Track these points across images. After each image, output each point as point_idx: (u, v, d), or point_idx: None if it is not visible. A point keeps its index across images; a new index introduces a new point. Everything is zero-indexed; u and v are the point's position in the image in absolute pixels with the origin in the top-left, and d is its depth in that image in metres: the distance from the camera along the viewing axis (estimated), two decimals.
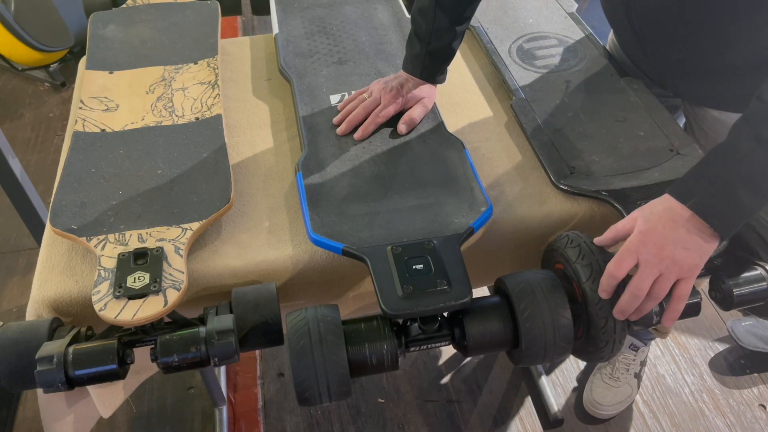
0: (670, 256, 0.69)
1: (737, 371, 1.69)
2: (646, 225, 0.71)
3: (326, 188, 0.88)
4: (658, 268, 0.70)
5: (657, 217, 0.71)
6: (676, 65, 1.02)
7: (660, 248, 0.70)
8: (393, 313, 0.71)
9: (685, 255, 0.70)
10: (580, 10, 1.27)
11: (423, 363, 1.69)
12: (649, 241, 0.70)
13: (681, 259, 0.70)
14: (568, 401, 1.63)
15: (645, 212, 0.73)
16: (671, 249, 0.69)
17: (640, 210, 0.74)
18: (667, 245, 0.70)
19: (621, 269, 0.71)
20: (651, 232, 0.70)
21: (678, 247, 0.69)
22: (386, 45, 1.16)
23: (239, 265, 0.82)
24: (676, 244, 0.69)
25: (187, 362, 0.69)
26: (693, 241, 0.70)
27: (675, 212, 0.71)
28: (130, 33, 1.16)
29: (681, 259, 0.70)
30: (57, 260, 0.83)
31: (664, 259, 0.69)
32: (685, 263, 0.70)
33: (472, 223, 0.82)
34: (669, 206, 0.72)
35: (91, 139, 0.94)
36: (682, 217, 0.70)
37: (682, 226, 0.70)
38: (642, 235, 0.71)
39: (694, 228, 0.70)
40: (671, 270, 0.70)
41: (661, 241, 0.70)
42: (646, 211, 0.73)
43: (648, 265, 0.70)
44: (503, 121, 1.06)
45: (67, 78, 2.71)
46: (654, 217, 0.71)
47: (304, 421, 1.56)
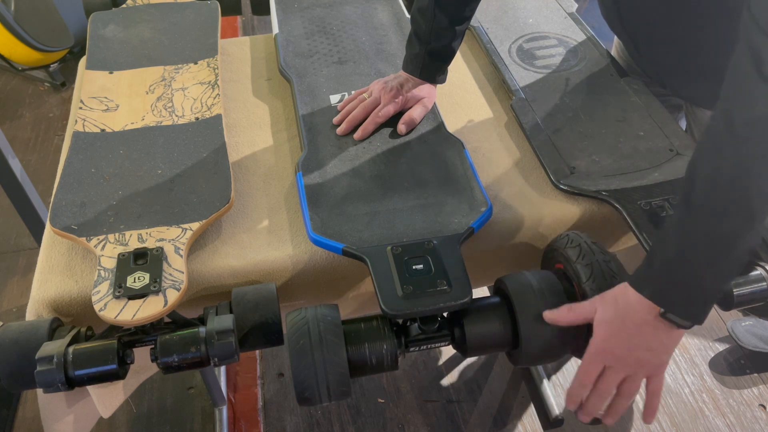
0: (635, 361, 0.68)
1: (737, 371, 1.69)
2: (608, 330, 0.68)
3: (326, 188, 0.88)
4: (624, 372, 0.69)
5: (619, 321, 0.67)
6: (671, 66, 1.02)
7: (625, 354, 0.67)
8: (393, 313, 0.71)
9: (650, 356, 0.68)
10: (580, 10, 1.27)
11: (423, 363, 1.69)
12: (613, 348, 0.68)
13: (646, 361, 0.68)
14: None
15: (607, 312, 0.68)
16: (636, 354, 0.67)
17: (601, 304, 0.69)
18: (631, 351, 0.67)
19: (590, 377, 0.69)
20: (613, 339, 0.67)
21: (642, 350, 0.67)
22: (386, 45, 1.16)
23: (239, 265, 0.82)
24: (640, 348, 0.67)
25: (187, 362, 0.69)
26: (658, 340, 0.67)
27: (637, 313, 0.66)
28: (130, 33, 1.16)
29: (646, 361, 0.68)
30: (57, 260, 0.83)
31: (629, 364, 0.68)
32: (651, 364, 0.68)
33: (472, 223, 0.82)
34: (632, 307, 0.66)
35: (91, 139, 0.94)
36: (646, 318, 0.66)
37: (645, 327, 0.66)
38: (605, 342, 0.68)
39: (659, 327, 0.66)
40: (638, 372, 0.69)
41: (625, 347, 0.67)
42: (608, 310, 0.68)
43: (613, 371, 0.69)
44: (503, 121, 1.06)
45: (67, 78, 2.72)
46: (616, 320, 0.67)
47: (304, 421, 1.56)
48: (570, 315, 0.71)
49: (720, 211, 0.62)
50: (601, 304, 0.69)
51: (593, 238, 0.80)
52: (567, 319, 0.71)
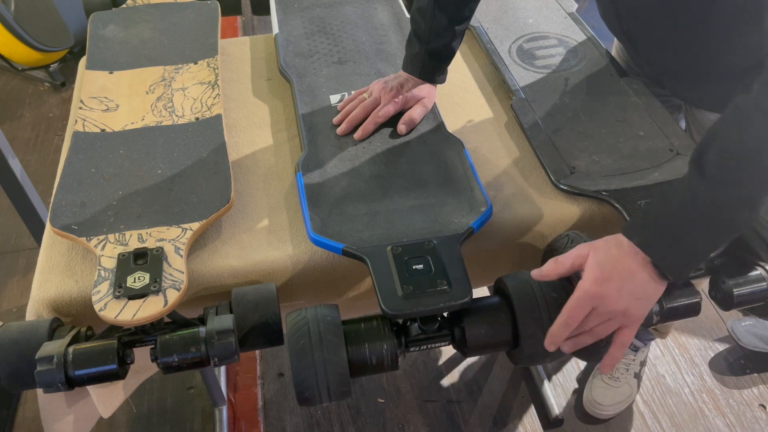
0: (623, 309, 0.68)
1: (737, 371, 1.69)
2: (602, 272, 0.68)
3: (326, 188, 0.88)
4: (608, 317, 0.69)
5: (612, 264, 0.68)
6: (670, 68, 1.02)
7: (615, 300, 0.67)
8: (393, 313, 0.71)
9: (636, 305, 0.68)
10: (580, 10, 1.27)
11: (423, 363, 1.69)
12: (606, 293, 0.67)
13: (632, 311, 0.68)
14: (568, 401, 1.63)
15: (599, 256, 0.69)
16: (626, 301, 0.68)
17: (591, 249, 0.70)
18: (622, 297, 0.67)
19: (576, 318, 0.69)
20: (608, 283, 0.67)
21: (631, 297, 0.68)
22: (386, 45, 1.16)
23: (239, 265, 0.82)
24: (630, 296, 0.68)
25: (187, 362, 0.69)
26: (644, 290, 0.68)
27: (629, 260, 0.67)
28: (130, 33, 1.16)
29: (632, 311, 0.68)
30: (57, 260, 0.83)
31: (616, 310, 0.68)
32: (634, 314, 0.69)
33: (472, 223, 0.82)
34: (624, 252, 0.68)
35: (91, 139, 0.94)
36: (636, 264, 0.67)
37: (636, 276, 0.67)
38: (598, 285, 0.67)
39: (647, 275, 0.67)
40: (619, 319, 0.69)
41: (616, 293, 0.67)
42: (600, 254, 0.69)
43: (598, 313, 0.69)
44: (503, 121, 1.06)
45: (67, 78, 2.72)
46: (609, 263, 0.68)
47: (304, 421, 1.56)
48: (558, 268, 0.71)
49: (733, 181, 0.65)
50: (592, 249, 0.70)
51: (593, 238, 0.80)
52: (555, 273, 0.71)
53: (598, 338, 0.71)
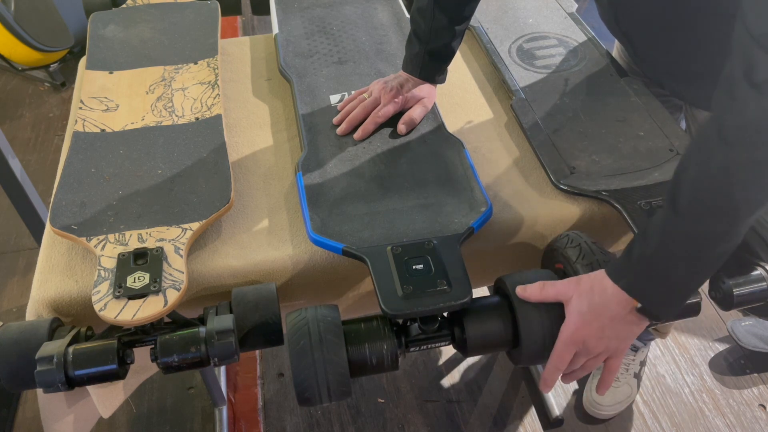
0: (604, 348, 0.72)
1: (737, 371, 1.69)
2: (582, 322, 0.70)
3: (326, 188, 0.88)
4: (591, 354, 0.72)
5: (593, 313, 0.69)
6: (669, 68, 1.02)
7: (596, 344, 0.71)
8: (393, 313, 0.71)
9: (618, 343, 0.72)
10: (580, 10, 1.27)
11: (423, 363, 1.69)
12: (586, 339, 0.71)
13: (614, 347, 0.72)
14: (568, 401, 1.63)
15: (582, 304, 0.70)
16: (607, 342, 0.71)
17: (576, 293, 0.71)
18: (602, 341, 0.71)
19: (564, 363, 0.72)
20: (586, 330, 0.70)
21: (612, 339, 0.71)
22: (386, 45, 1.16)
23: (239, 265, 0.82)
24: (611, 338, 0.71)
25: (187, 362, 0.69)
26: (627, 330, 0.71)
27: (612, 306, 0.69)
28: (130, 33, 1.16)
29: (614, 347, 0.72)
30: (57, 260, 0.83)
31: (598, 351, 0.72)
32: (618, 349, 0.73)
33: (472, 223, 0.82)
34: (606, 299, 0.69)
35: (91, 139, 0.94)
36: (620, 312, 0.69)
37: (618, 320, 0.69)
38: (578, 333, 0.70)
39: (633, 320, 0.69)
40: (603, 354, 0.73)
41: (596, 336, 0.70)
42: (583, 302, 0.70)
43: (583, 355, 0.72)
44: (503, 121, 1.06)
45: (67, 78, 2.72)
46: (590, 313, 0.70)
47: (304, 421, 1.56)
48: (542, 294, 0.73)
49: (704, 213, 0.64)
50: (576, 293, 0.71)
51: (593, 238, 0.80)
52: (538, 297, 0.73)
53: (589, 371, 0.75)
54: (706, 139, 0.64)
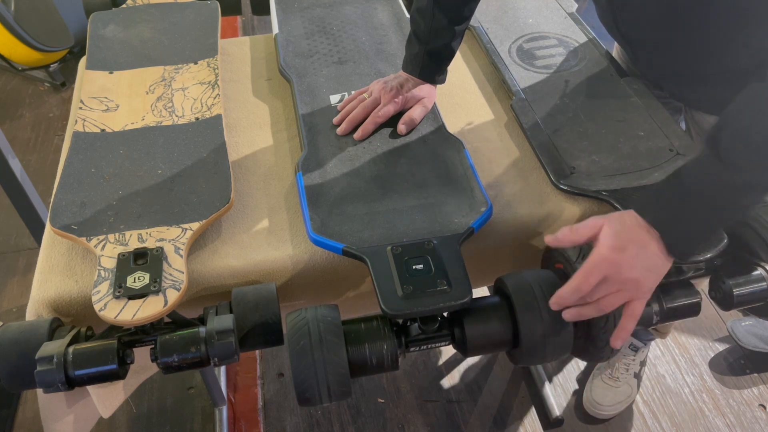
0: (635, 279, 0.68)
1: (737, 371, 1.69)
2: (618, 241, 0.68)
3: (326, 188, 0.88)
4: (617, 287, 0.69)
5: (628, 234, 0.68)
6: (668, 71, 1.02)
7: (629, 270, 0.68)
8: (393, 313, 0.71)
9: (648, 277, 0.69)
10: (580, 10, 1.27)
11: (423, 363, 1.69)
12: (621, 261, 0.68)
13: (643, 282, 0.69)
14: (568, 401, 1.63)
15: (615, 225, 0.69)
16: (638, 272, 0.68)
17: (606, 219, 0.70)
18: (635, 268, 0.68)
19: (588, 284, 0.68)
20: (624, 252, 0.68)
21: (644, 269, 0.68)
22: (386, 45, 1.16)
23: (239, 265, 0.82)
24: (643, 267, 0.68)
25: (187, 362, 0.69)
26: (656, 262, 0.69)
27: (643, 231, 0.68)
28: (130, 33, 1.16)
29: (643, 282, 0.69)
30: (57, 260, 0.83)
31: (628, 281, 0.68)
32: (645, 286, 0.69)
33: (472, 223, 0.82)
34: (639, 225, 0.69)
35: (91, 139, 0.94)
36: (649, 237, 0.68)
37: (649, 248, 0.68)
38: (613, 252, 0.68)
39: (658, 249, 0.68)
40: (630, 290, 0.69)
41: (631, 262, 0.68)
42: (616, 223, 0.69)
43: (609, 282, 0.68)
44: (503, 121, 1.06)
45: (67, 78, 2.72)
46: (625, 233, 0.68)
47: (304, 421, 1.56)
48: (572, 235, 0.71)
49: (748, 165, 0.65)
50: (607, 220, 0.70)
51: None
52: (569, 240, 0.72)
53: (601, 312, 0.70)
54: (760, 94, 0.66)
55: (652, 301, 0.78)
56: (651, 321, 0.78)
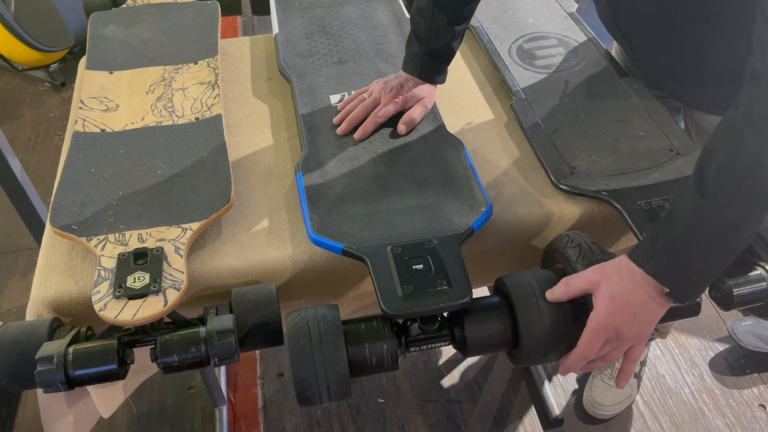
0: (632, 334, 0.71)
1: (737, 371, 1.69)
2: (614, 306, 0.69)
3: (326, 188, 0.88)
4: (619, 343, 0.71)
5: (625, 297, 0.69)
6: (668, 70, 1.02)
7: (628, 330, 0.70)
8: (393, 313, 0.71)
9: (644, 329, 0.71)
10: (580, 10, 1.27)
11: (423, 363, 1.69)
12: (620, 324, 0.70)
13: (639, 334, 0.71)
14: (568, 401, 1.63)
15: (612, 288, 0.69)
16: (637, 328, 0.70)
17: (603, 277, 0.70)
18: (633, 326, 0.70)
19: (593, 351, 0.71)
20: (619, 316, 0.69)
21: (643, 324, 0.70)
22: (386, 45, 1.16)
23: (239, 265, 0.82)
24: (642, 323, 0.70)
25: (187, 362, 0.69)
26: (654, 314, 0.70)
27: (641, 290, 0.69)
28: (130, 33, 1.16)
29: (639, 334, 0.71)
30: (57, 260, 0.83)
31: (629, 339, 0.71)
32: (643, 336, 0.71)
33: (472, 223, 0.82)
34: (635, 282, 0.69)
35: (91, 139, 0.94)
36: (650, 296, 0.69)
37: (648, 307, 0.69)
38: (611, 318, 0.69)
39: (659, 304, 0.69)
40: (629, 342, 0.72)
41: (629, 325, 0.70)
42: (613, 286, 0.70)
43: (611, 342, 0.71)
44: (503, 121, 1.06)
45: (67, 78, 2.72)
46: (621, 297, 0.69)
47: (304, 421, 1.56)
48: (569, 289, 0.72)
49: (735, 200, 0.64)
50: (604, 278, 0.71)
51: (593, 238, 0.80)
52: (566, 295, 0.73)
53: (610, 362, 0.73)
54: (735, 126, 0.65)
55: None
56: None
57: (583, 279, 0.72)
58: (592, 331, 0.70)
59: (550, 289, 0.74)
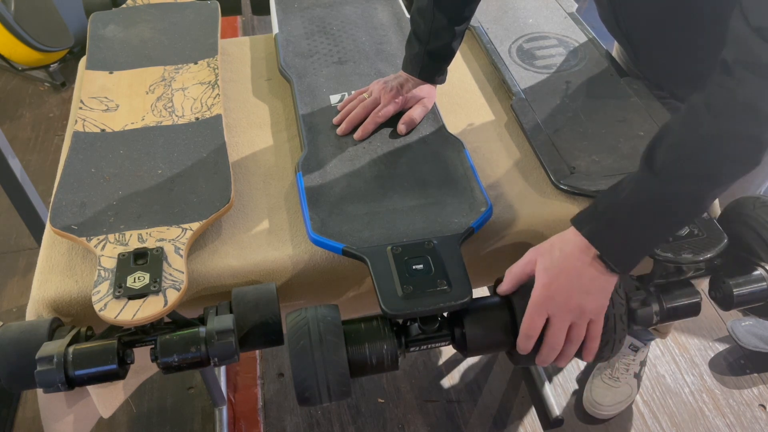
0: (577, 306, 0.70)
1: (737, 371, 1.69)
2: (548, 277, 0.70)
3: (326, 188, 0.88)
4: (568, 318, 0.71)
5: (558, 267, 0.70)
6: (669, 70, 1.02)
7: (566, 300, 0.70)
8: (393, 313, 0.71)
9: (591, 300, 0.70)
10: (580, 10, 1.27)
11: (423, 363, 1.69)
12: (555, 295, 0.70)
13: (588, 306, 0.71)
14: (568, 401, 1.63)
15: (545, 261, 0.71)
16: (577, 299, 0.70)
17: (538, 254, 0.72)
18: (572, 296, 0.70)
19: (535, 328, 0.71)
20: (554, 285, 0.70)
21: (582, 294, 0.70)
22: (386, 45, 1.16)
23: (239, 265, 0.82)
24: (581, 293, 0.70)
25: (187, 362, 0.69)
26: (596, 284, 0.70)
27: (574, 259, 0.70)
28: (130, 33, 1.16)
29: (588, 306, 0.71)
30: (57, 260, 0.83)
31: (572, 310, 0.70)
32: (592, 308, 0.71)
33: (472, 223, 0.82)
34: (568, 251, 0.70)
35: (91, 139, 0.94)
36: (583, 262, 0.69)
37: (584, 273, 0.69)
38: (546, 289, 0.70)
39: (596, 271, 0.69)
40: (581, 317, 0.71)
41: (565, 293, 0.70)
42: (546, 259, 0.71)
43: (558, 318, 0.71)
44: (503, 121, 1.06)
45: (67, 78, 2.72)
46: (555, 267, 0.70)
47: (304, 421, 1.56)
48: (513, 278, 0.74)
49: (680, 176, 0.67)
50: (539, 255, 0.72)
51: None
52: (512, 282, 0.74)
53: (579, 342, 0.73)
54: (695, 110, 0.67)
55: (652, 301, 0.78)
56: (651, 321, 0.78)
57: (521, 262, 0.73)
58: (531, 305, 0.71)
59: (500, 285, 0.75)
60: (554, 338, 0.72)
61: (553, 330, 0.71)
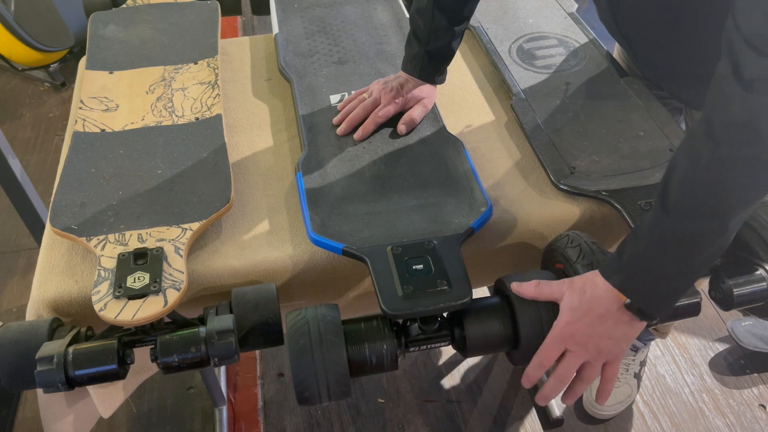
0: (595, 348, 0.70)
1: (737, 371, 1.69)
2: (573, 316, 0.70)
3: (326, 188, 0.88)
4: (584, 356, 0.71)
5: (584, 309, 0.69)
6: (668, 70, 1.02)
7: (586, 341, 0.70)
8: (393, 313, 0.71)
9: (611, 344, 0.70)
10: (580, 10, 1.27)
11: (423, 363, 1.69)
12: (576, 334, 0.70)
13: (606, 349, 0.70)
14: None
15: (573, 299, 0.70)
16: (596, 341, 0.70)
17: (569, 289, 0.71)
18: (592, 338, 0.69)
19: (549, 359, 0.71)
20: (577, 325, 0.69)
21: (603, 338, 0.69)
22: (386, 45, 1.16)
23: (239, 265, 0.82)
24: (602, 337, 0.69)
25: (187, 362, 0.69)
26: (619, 330, 0.69)
27: (603, 303, 0.69)
28: (130, 33, 1.16)
29: (606, 349, 0.70)
30: (57, 260, 0.83)
31: (589, 350, 0.70)
32: (611, 352, 0.71)
33: (472, 223, 0.82)
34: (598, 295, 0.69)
35: (91, 139, 0.94)
36: (609, 309, 0.68)
37: (608, 319, 0.69)
38: (569, 327, 0.70)
39: (621, 318, 0.69)
40: (597, 358, 0.71)
41: (587, 334, 0.69)
42: (575, 297, 0.70)
43: (574, 354, 0.71)
44: (503, 121, 1.06)
45: (67, 78, 2.72)
46: (581, 308, 0.69)
47: (304, 421, 1.56)
48: (536, 291, 0.73)
49: (692, 212, 0.64)
50: (569, 290, 0.71)
51: (593, 238, 0.80)
52: (531, 294, 0.73)
53: (589, 383, 0.73)
54: (695, 137, 0.64)
55: None
56: None
57: (552, 287, 0.72)
58: (549, 338, 0.71)
59: (519, 282, 0.74)
60: (564, 370, 0.71)
61: (565, 362, 0.71)
